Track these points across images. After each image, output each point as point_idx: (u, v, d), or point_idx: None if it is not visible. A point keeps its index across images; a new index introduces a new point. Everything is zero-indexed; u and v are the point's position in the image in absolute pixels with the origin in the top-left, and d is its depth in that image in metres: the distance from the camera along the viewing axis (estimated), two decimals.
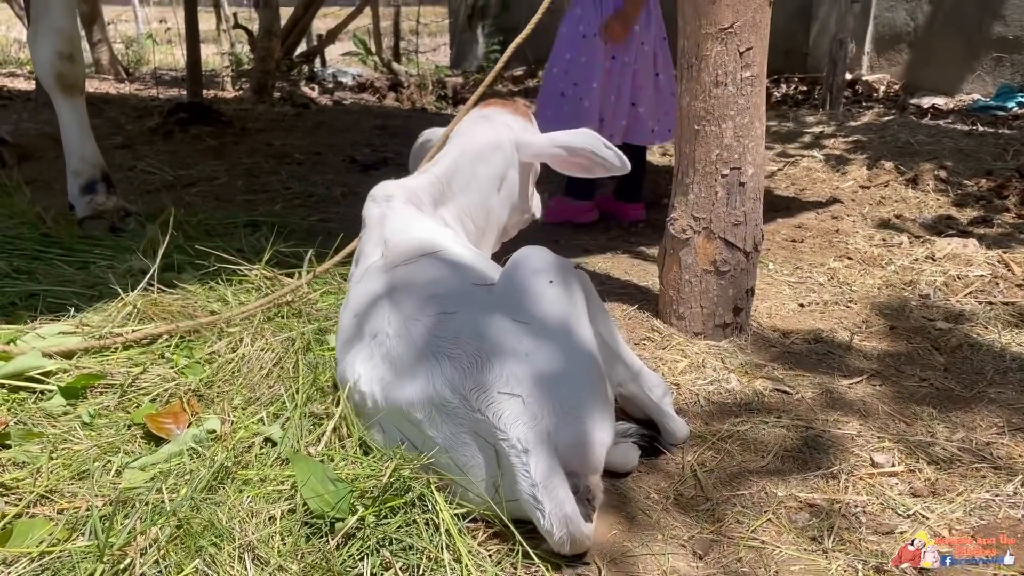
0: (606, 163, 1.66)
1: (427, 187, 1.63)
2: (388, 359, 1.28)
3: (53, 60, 2.34)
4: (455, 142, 1.72)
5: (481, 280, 1.35)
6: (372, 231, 1.53)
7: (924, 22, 5.50)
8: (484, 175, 1.69)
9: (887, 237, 2.64)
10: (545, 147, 1.70)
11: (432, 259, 1.41)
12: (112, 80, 6.76)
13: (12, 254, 2.01)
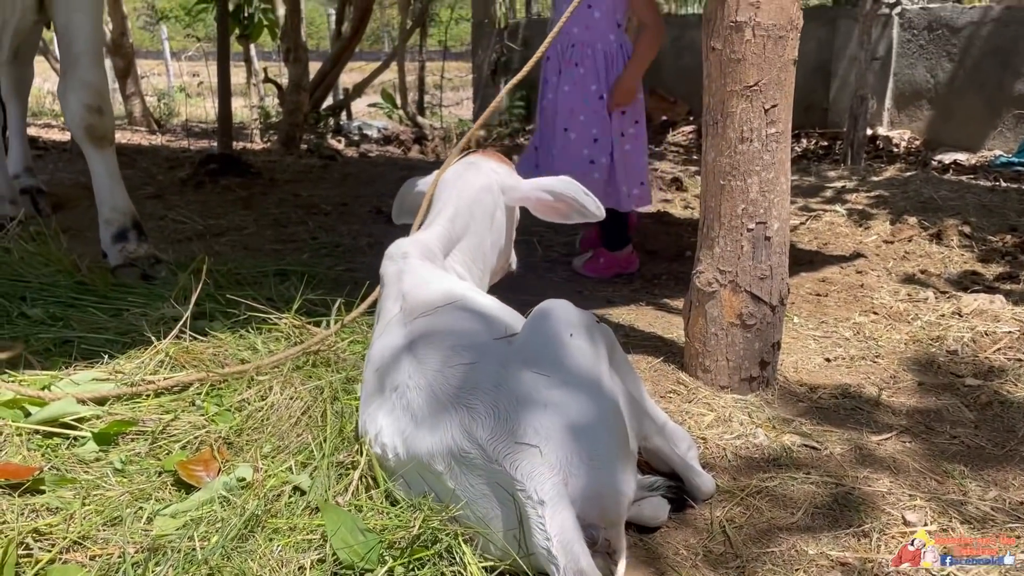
0: (585, 210, 1.70)
1: (438, 239, 1.66)
2: (409, 411, 1.29)
3: (83, 113, 2.41)
4: (450, 190, 1.75)
5: (501, 330, 1.36)
6: (390, 287, 1.55)
7: (944, 80, 5.55)
8: (480, 219, 1.73)
9: (912, 292, 2.63)
10: (531, 191, 1.75)
11: (451, 310, 1.43)
12: (144, 132, 6.93)
13: (48, 301, 2.05)
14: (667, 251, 3.24)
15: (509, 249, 1.87)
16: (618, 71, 2.70)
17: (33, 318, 1.96)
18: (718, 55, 1.83)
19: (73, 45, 2.38)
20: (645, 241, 3.31)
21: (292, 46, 5.88)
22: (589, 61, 2.70)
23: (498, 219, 1.76)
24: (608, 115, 2.73)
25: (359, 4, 6.88)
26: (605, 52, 2.68)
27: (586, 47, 2.69)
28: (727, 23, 1.79)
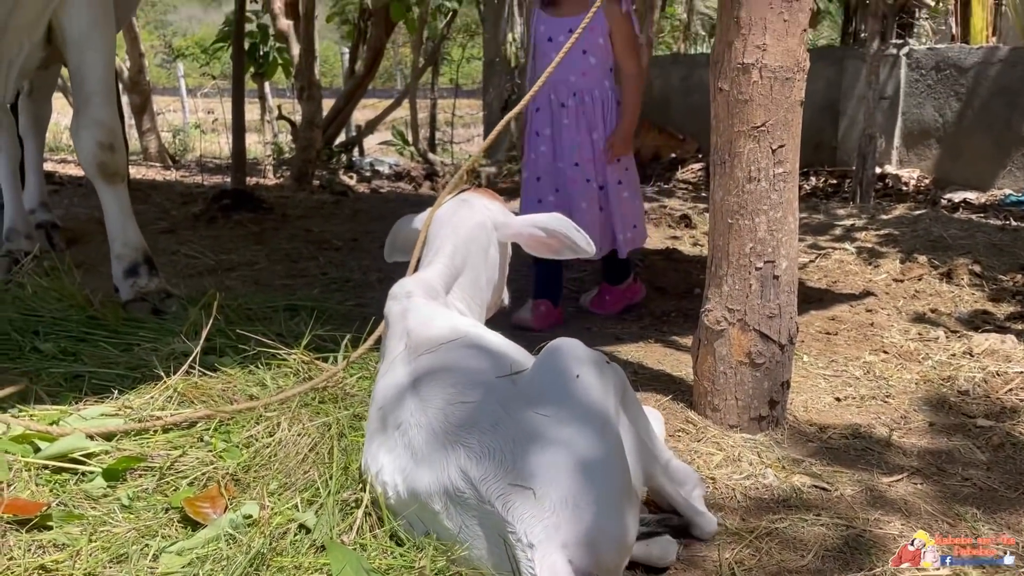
0: (576, 246, 1.71)
1: (440, 277, 1.67)
2: (410, 449, 1.29)
3: (95, 150, 2.45)
4: (446, 228, 1.76)
5: (506, 367, 1.35)
6: (395, 326, 1.55)
7: (952, 119, 5.57)
8: (476, 255, 1.74)
9: (923, 331, 2.62)
10: (523, 227, 1.76)
11: (455, 347, 1.43)
12: (159, 167, 7.01)
13: (60, 336, 2.06)
14: (676, 288, 3.24)
15: (502, 285, 1.88)
16: (615, 118, 2.69)
17: (45, 352, 1.97)
18: (725, 96, 1.85)
19: (85, 84, 2.42)
20: (654, 278, 3.31)
21: (306, 84, 5.97)
22: (589, 108, 2.66)
23: (492, 255, 1.77)
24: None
25: (372, 43, 7.00)
26: (603, 100, 2.67)
27: (584, 94, 2.66)
28: (734, 65, 1.81)
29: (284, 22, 6.51)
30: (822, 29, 10.26)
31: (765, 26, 1.76)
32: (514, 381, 1.32)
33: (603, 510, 1.15)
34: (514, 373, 1.34)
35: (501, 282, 1.87)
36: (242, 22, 5.12)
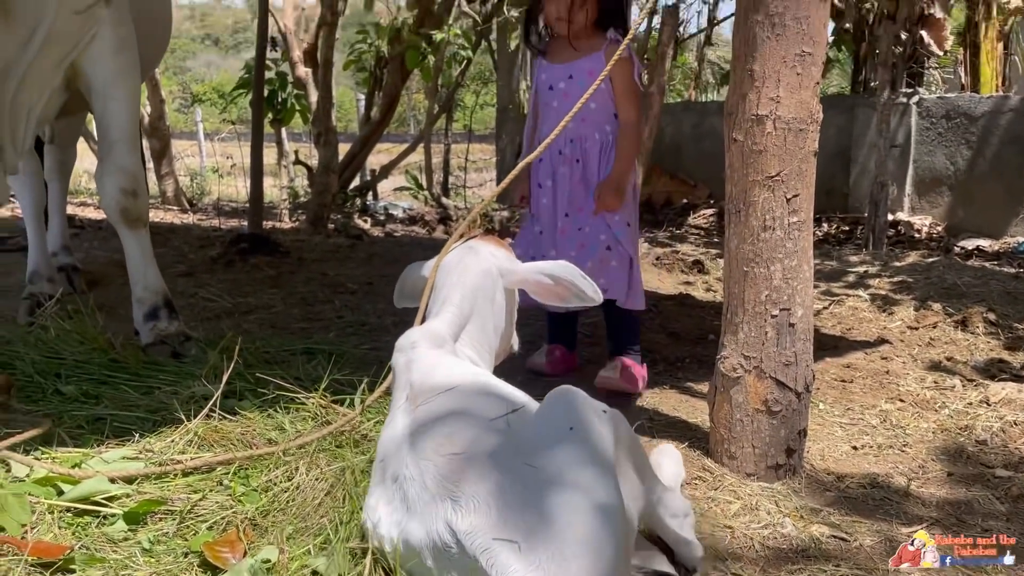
0: (583, 294, 1.73)
1: (448, 325, 1.67)
2: (405, 501, 1.29)
3: (118, 197, 2.49)
4: (452, 276, 1.78)
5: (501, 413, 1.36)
6: (400, 378, 1.56)
7: (964, 167, 5.61)
8: (483, 302, 1.76)
9: (939, 380, 2.62)
10: (530, 274, 1.78)
11: (452, 396, 1.43)
12: (176, 210, 7.11)
13: (82, 379, 2.09)
14: (690, 334, 3.25)
15: (511, 331, 1.89)
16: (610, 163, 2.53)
17: (67, 395, 1.99)
18: (740, 146, 1.88)
19: (110, 132, 2.48)
20: (667, 323, 3.32)
21: (323, 130, 6.07)
22: (586, 155, 2.53)
23: (498, 302, 1.79)
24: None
25: (388, 90, 7.12)
26: (602, 145, 2.53)
27: (582, 140, 2.53)
28: (748, 116, 1.84)
29: (303, 70, 6.64)
30: (832, 77, 10.37)
31: (779, 79, 1.80)
32: (509, 424, 1.32)
33: (592, 565, 1.12)
34: (509, 412, 1.34)
35: (509, 328, 1.88)
36: (262, 70, 5.23)
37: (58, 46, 2.29)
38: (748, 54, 1.83)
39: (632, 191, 2.57)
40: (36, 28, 2.18)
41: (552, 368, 2.68)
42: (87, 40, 2.36)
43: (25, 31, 2.17)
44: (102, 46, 2.40)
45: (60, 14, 2.21)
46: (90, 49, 2.39)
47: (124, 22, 2.46)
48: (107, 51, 2.42)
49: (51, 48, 2.26)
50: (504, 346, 1.88)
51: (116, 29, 2.41)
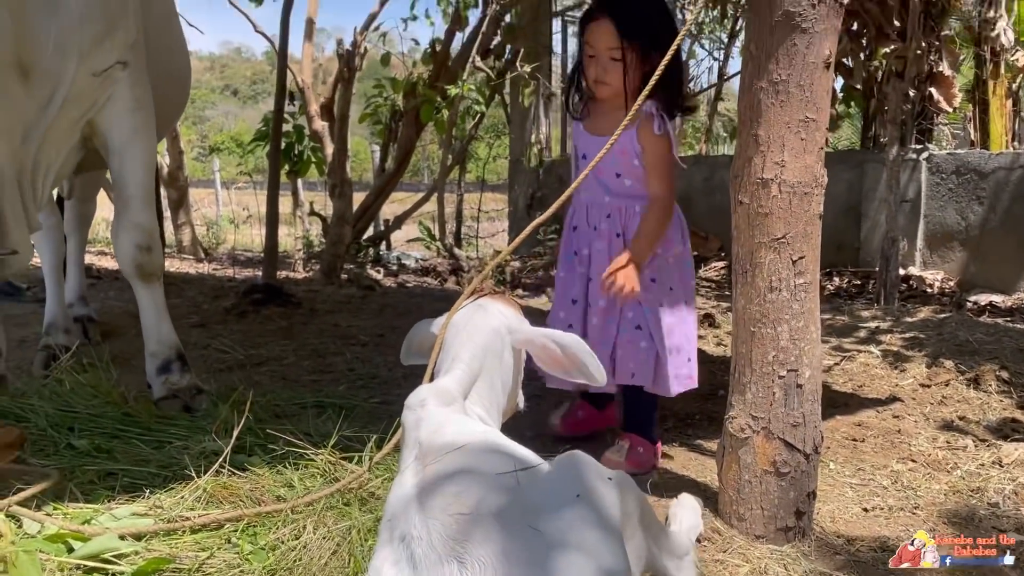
0: (587, 371, 1.69)
1: (457, 383, 1.66)
2: (412, 562, 1.28)
3: (133, 252, 2.54)
4: (462, 333, 1.77)
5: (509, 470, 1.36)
6: (409, 436, 1.55)
7: (976, 222, 5.62)
8: (491, 360, 1.75)
9: (951, 439, 2.60)
10: (537, 336, 1.77)
11: (461, 455, 1.43)
12: (192, 260, 7.19)
13: (94, 432, 2.11)
14: (700, 389, 3.21)
15: (516, 389, 1.89)
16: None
17: (80, 449, 2.01)
18: (746, 208, 1.91)
19: (126, 189, 2.54)
20: None
21: (338, 182, 6.17)
22: (629, 229, 2.38)
23: (506, 360, 1.79)
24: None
25: (402, 142, 7.24)
26: (641, 212, 2.37)
27: (622, 214, 2.38)
28: (754, 179, 1.88)
29: (319, 123, 6.77)
30: (843, 132, 10.47)
31: (783, 144, 1.84)
32: (519, 483, 1.32)
33: None
34: (519, 470, 1.34)
35: (516, 386, 1.88)
36: (280, 123, 5.34)
37: (76, 107, 2.35)
38: (753, 119, 1.87)
39: (677, 262, 2.41)
40: (56, 90, 2.25)
41: (567, 428, 2.55)
42: (104, 100, 2.43)
43: (45, 94, 2.23)
44: (119, 106, 2.46)
45: (79, 76, 2.28)
46: (107, 109, 2.45)
47: (140, 82, 2.53)
48: (124, 111, 2.48)
49: (69, 109, 2.32)
50: (510, 404, 1.89)
51: (132, 89, 2.48)
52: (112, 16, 2.33)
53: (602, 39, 2.21)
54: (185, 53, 3.51)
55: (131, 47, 2.45)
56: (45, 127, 2.28)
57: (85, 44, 2.26)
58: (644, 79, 2.18)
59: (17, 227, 2.23)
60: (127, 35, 2.42)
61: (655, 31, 2.22)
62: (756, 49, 1.86)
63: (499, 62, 7.79)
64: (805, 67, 1.81)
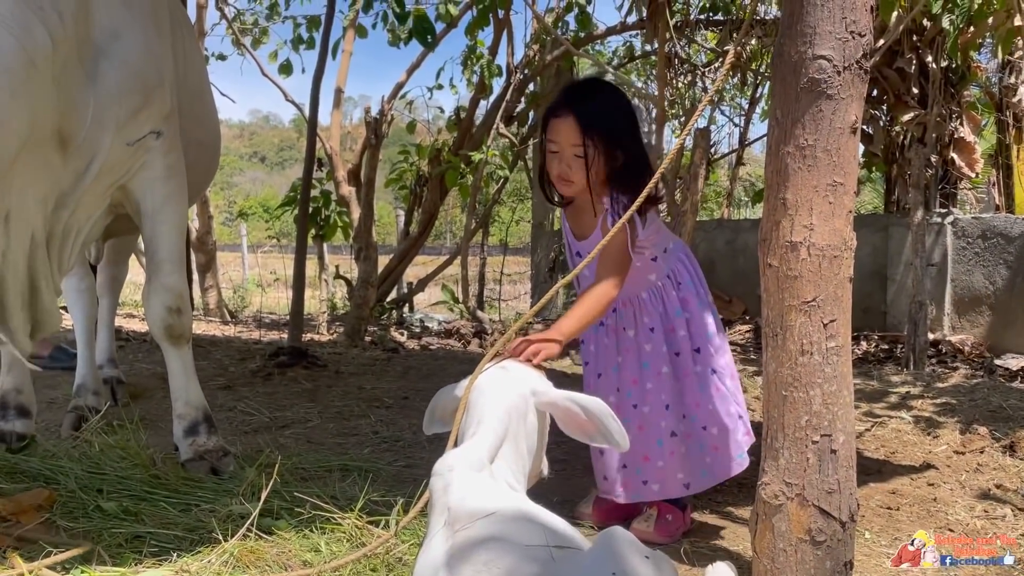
0: (610, 435, 1.69)
1: (484, 448, 1.65)
2: None
3: (163, 314, 2.57)
4: (486, 397, 1.76)
5: (543, 543, 1.34)
6: (437, 502, 1.54)
7: (1003, 285, 5.57)
8: (516, 423, 1.74)
9: (989, 508, 2.53)
10: (561, 400, 1.75)
11: (491, 522, 1.42)
12: (218, 322, 7.26)
13: (122, 494, 2.11)
14: None
15: (541, 454, 1.87)
16: (670, 310, 2.35)
17: (108, 512, 2.01)
18: (775, 271, 1.90)
19: (158, 252, 2.58)
20: None
21: (363, 245, 6.25)
22: (638, 320, 2.34)
23: (531, 422, 1.77)
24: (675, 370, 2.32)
25: (427, 207, 7.35)
26: (649, 297, 2.36)
27: (628, 305, 2.35)
28: (783, 243, 1.88)
29: (346, 188, 6.89)
30: (865, 195, 10.49)
31: (811, 208, 1.84)
32: (553, 556, 1.30)
33: None
34: (556, 547, 1.32)
35: (540, 450, 1.85)
36: (308, 188, 5.44)
37: (109, 175, 2.40)
38: (780, 183, 1.88)
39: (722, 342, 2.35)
40: (92, 160, 2.30)
41: (600, 516, 2.40)
42: (137, 167, 2.48)
43: (81, 164, 2.28)
44: (152, 174, 2.52)
45: (114, 147, 2.33)
46: (140, 176, 2.50)
47: (174, 150, 2.58)
48: (157, 178, 2.54)
49: (103, 178, 2.37)
50: (536, 469, 1.87)
51: (166, 157, 2.54)
52: (149, 88, 2.40)
53: (566, 135, 2.16)
54: (216, 122, 3.61)
55: (165, 117, 2.51)
56: (79, 196, 2.33)
57: (122, 116, 2.32)
58: (609, 174, 2.21)
59: (48, 292, 2.27)
60: (163, 106, 2.49)
61: (617, 126, 2.20)
62: (782, 115, 1.88)
63: (522, 128, 7.93)
64: (832, 132, 1.83)
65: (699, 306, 2.40)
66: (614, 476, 2.36)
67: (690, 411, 2.36)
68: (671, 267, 2.40)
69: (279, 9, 8.03)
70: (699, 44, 8.25)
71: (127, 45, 2.32)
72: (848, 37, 1.81)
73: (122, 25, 2.33)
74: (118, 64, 2.29)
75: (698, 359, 2.37)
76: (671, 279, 2.39)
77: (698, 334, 2.37)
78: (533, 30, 7.65)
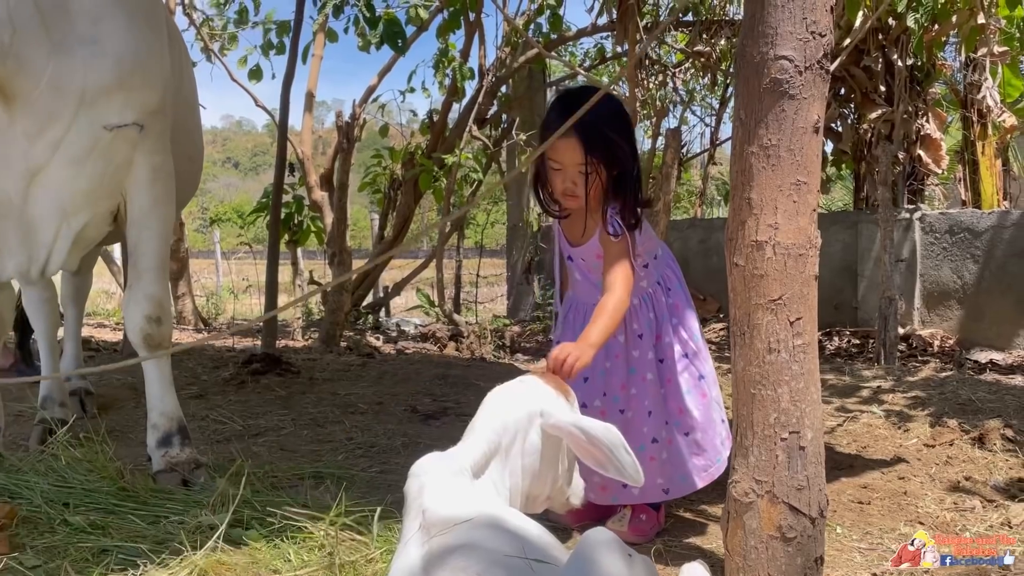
0: (622, 468, 1.66)
1: (466, 455, 1.63)
2: None
3: (143, 323, 2.54)
4: (488, 406, 1.74)
5: (521, 550, 1.34)
6: (412, 504, 1.52)
7: (971, 280, 5.65)
8: (511, 439, 1.69)
9: (958, 501, 2.56)
10: (566, 424, 1.70)
11: (469, 528, 1.41)
12: (191, 330, 7.19)
13: (90, 508, 2.08)
14: None
15: (555, 478, 1.79)
16: (659, 316, 2.38)
17: (74, 525, 1.98)
18: (741, 270, 1.92)
19: (141, 261, 2.55)
20: None
21: (337, 250, 6.21)
22: (627, 326, 2.35)
23: (531, 442, 1.71)
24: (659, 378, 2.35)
25: (401, 211, 7.33)
26: (640, 304, 2.37)
27: None
28: (748, 242, 1.89)
29: (319, 193, 6.85)
30: (835, 192, 10.60)
31: (776, 207, 1.85)
32: (532, 569, 1.29)
33: None
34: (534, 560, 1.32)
35: (551, 474, 1.77)
36: (280, 194, 5.41)
37: (92, 163, 2.38)
38: (745, 183, 1.89)
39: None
40: (49, 127, 2.28)
41: (575, 519, 2.37)
42: (122, 163, 2.45)
43: (31, 125, 2.26)
44: (138, 175, 2.49)
45: (84, 124, 2.32)
46: (129, 178, 2.48)
47: (159, 151, 2.55)
48: (143, 180, 2.51)
49: (85, 163, 2.35)
50: (544, 491, 1.78)
51: (151, 157, 2.51)
52: (124, 71, 2.37)
53: (570, 156, 2.19)
54: (202, 139, 3.59)
55: (152, 113, 2.48)
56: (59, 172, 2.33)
57: (90, 90, 2.31)
58: (608, 182, 2.25)
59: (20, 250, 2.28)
60: (145, 98, 2.44)
61: (615, 138, 2.23)
62: (746, 115, 1.89)
63: (495, 131, 7.93)
64: (795, 132, 1.84)
65: (688, 311, 2.43)
66: (593, 480, 2.35)
67: (673, 417, 2.37)
68: (661, 273, 2.42)
69: (247, 15, 7.97)
70: (669, 45, 8.30)
71: (105, 27, 2.33)
72: (809, 37, 1.83)
73: (106, 15, 2.34)
74: (89, 40, 2.29)
75: (686, 365, 2.39)
76: (661, 285, 2.40)
77: (687, 340, 2.40)
78: (505, 32, 7.65)
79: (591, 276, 2.36)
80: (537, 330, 7.29)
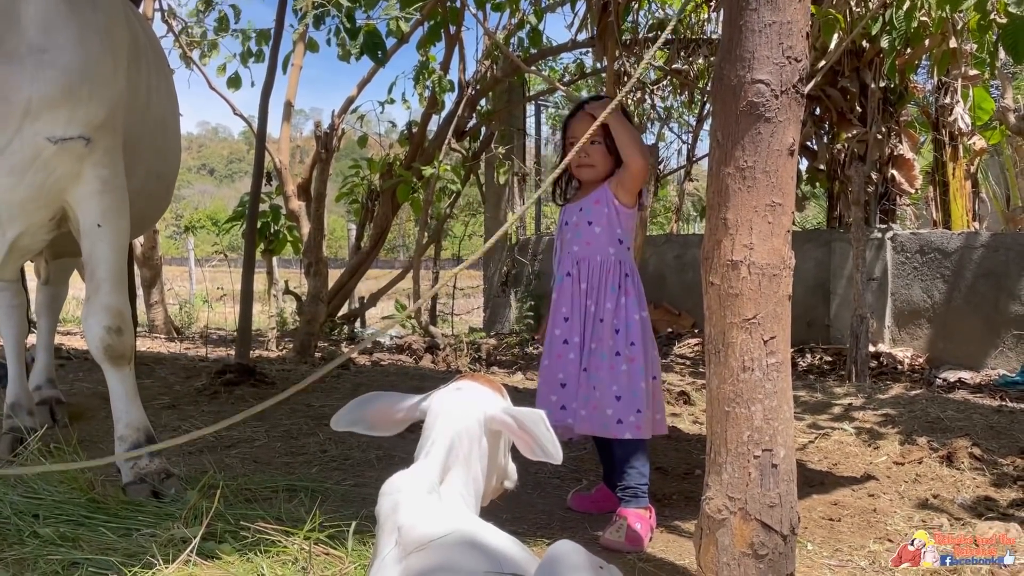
0: (543, 446, 1.70)
1: (433, 469, 1.65)
2: None
3: (102, 334, 2.53)
4: (439, 419, 1.76)
5: (499, 566, 1.34)
6: (386, 522, 1.53)
7: (941, 300, 5.74)
8: (468, 444, 1.73)
9: (926, 518, 2.60)
10: (499, 415, 1.76)
11: (446, 545, 1.41)
12: (164, 339, 7.12)
13: (59, 519, 2.05)
14: (677, 468, 3.23)
15: (503, 471, 1.88)
16: (614, 284, 2.57)
17: (44, 538, 1.96)
18: (716, 289, 1.94)
19: (97, 271, 2.54)
20: (654, 458, 3.29)
21: (314, 260, 6.19)
22: (590, 275, 2.59)
23: (484, 445, 1.77)
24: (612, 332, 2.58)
25: (379, 221, 7.32)
26: (602, 263, 2.58)
27: (585, 262, 2.60)
28: (724, 261, 1.92)
29: (296, 202, 6.83)
30: (810, 210, 10.73)
31: (751, 227, 1.88)
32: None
33: None
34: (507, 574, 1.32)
35: (501, 468, 1.86)
36: (256, 203, 5.38)
37: (36, 173, 2.37)
38: (721, 203, 1.92)
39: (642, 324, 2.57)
40: None
41: (578, 504, 2.72)
42: (69, 177, 2.44)
43: None
44: (86, 188, 2.48)
45: (28, 135, 2.31)
46: (75, 190, 2.47)
47: (108, 165, 2.54)
48: (91, 193, 2.50)
49: (28, 172, 2.35)
50: (495, 486, 1.86)
51: (98, 170, 2.50)
52: (72, 86, 2.36)
53: (583, 128, 2.41)
54: (177, 159, 3.56)
55: (99, 128, 2.47)
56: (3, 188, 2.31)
57: (35, 101, 2.30)
58: (616, 160, 2.59)
59: None
60: (92, 112, 2.43)
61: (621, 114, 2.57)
62: (723, 137, 1.93)
63: (474, 143, 7.96)
64: (770, 154, 1.88)
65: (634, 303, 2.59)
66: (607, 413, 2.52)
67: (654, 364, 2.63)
68: (627, 259, 2.64)
69: (228, 23, 7.94)
70: (649, 63, 8.37)
71: (55, 39, 2.32)
72: (785, 62, 1.87)
73: (57, 27, 2.33)
74: (37, 52, 2.28)
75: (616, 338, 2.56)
76: (622, 265, 2.61)
77: (620, 318, 2.57)
78: (485, 46, 7.69)
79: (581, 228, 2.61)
80: (513, 343, 7.29)
